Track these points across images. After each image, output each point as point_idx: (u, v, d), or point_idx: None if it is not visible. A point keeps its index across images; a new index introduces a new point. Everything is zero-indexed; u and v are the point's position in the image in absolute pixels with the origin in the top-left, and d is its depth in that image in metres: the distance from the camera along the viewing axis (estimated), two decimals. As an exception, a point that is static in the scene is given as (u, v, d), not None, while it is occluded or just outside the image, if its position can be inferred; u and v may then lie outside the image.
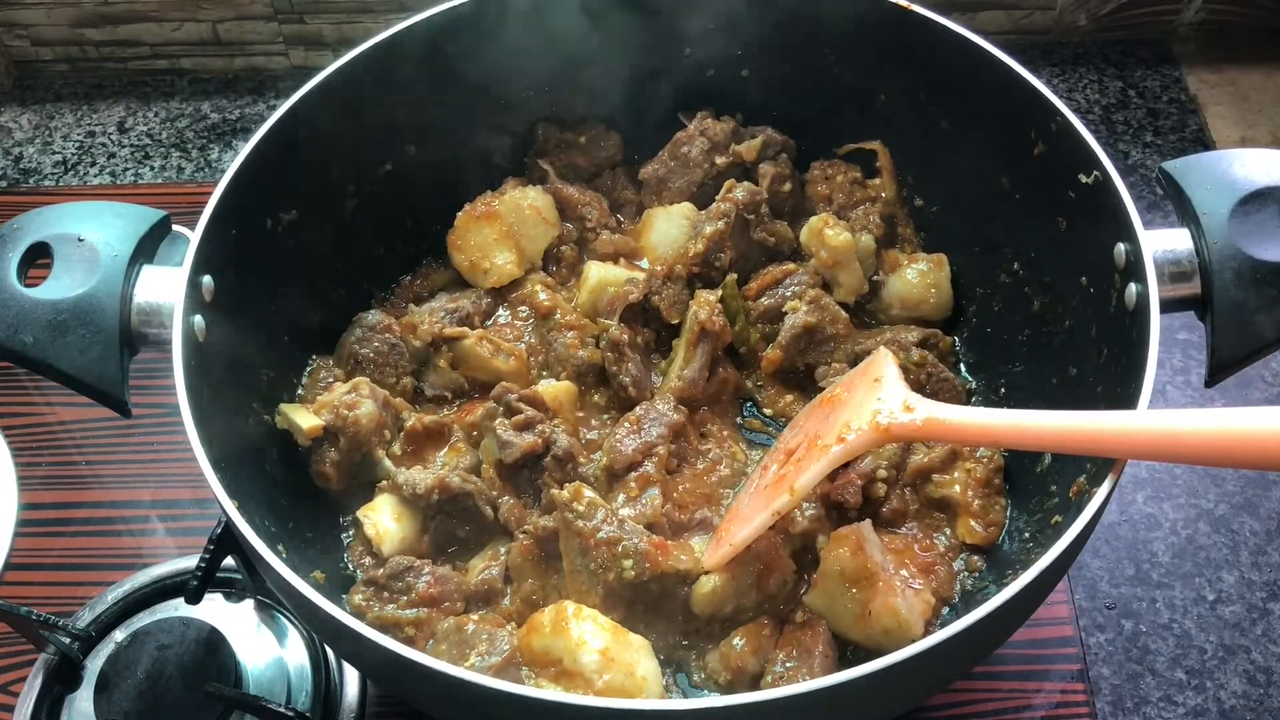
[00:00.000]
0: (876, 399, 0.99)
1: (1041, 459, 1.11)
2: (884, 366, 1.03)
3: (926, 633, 1.02)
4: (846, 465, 1.11)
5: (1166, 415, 0.85)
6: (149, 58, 1.79)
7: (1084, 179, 1.05)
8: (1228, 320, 0.97)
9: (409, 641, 1.03)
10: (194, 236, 1.01)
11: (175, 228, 1.07)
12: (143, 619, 1.18)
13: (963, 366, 1.28)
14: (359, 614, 1.05)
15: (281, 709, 1.08)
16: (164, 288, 1.00)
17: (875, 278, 1.31)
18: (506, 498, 1.14)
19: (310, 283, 1.24)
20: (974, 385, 1.26)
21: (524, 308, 1.31)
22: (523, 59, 1.29)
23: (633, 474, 1.13)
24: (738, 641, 1.04)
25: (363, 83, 1.18)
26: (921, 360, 1.21)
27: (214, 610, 1.18)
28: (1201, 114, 1.67)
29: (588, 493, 1.06)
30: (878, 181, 1.34)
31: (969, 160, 1.22)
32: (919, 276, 1.29)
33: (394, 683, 0.97)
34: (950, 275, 1.29)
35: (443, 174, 1.33)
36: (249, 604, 1.19)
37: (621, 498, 1.12)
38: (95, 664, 1.13)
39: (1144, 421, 0.86)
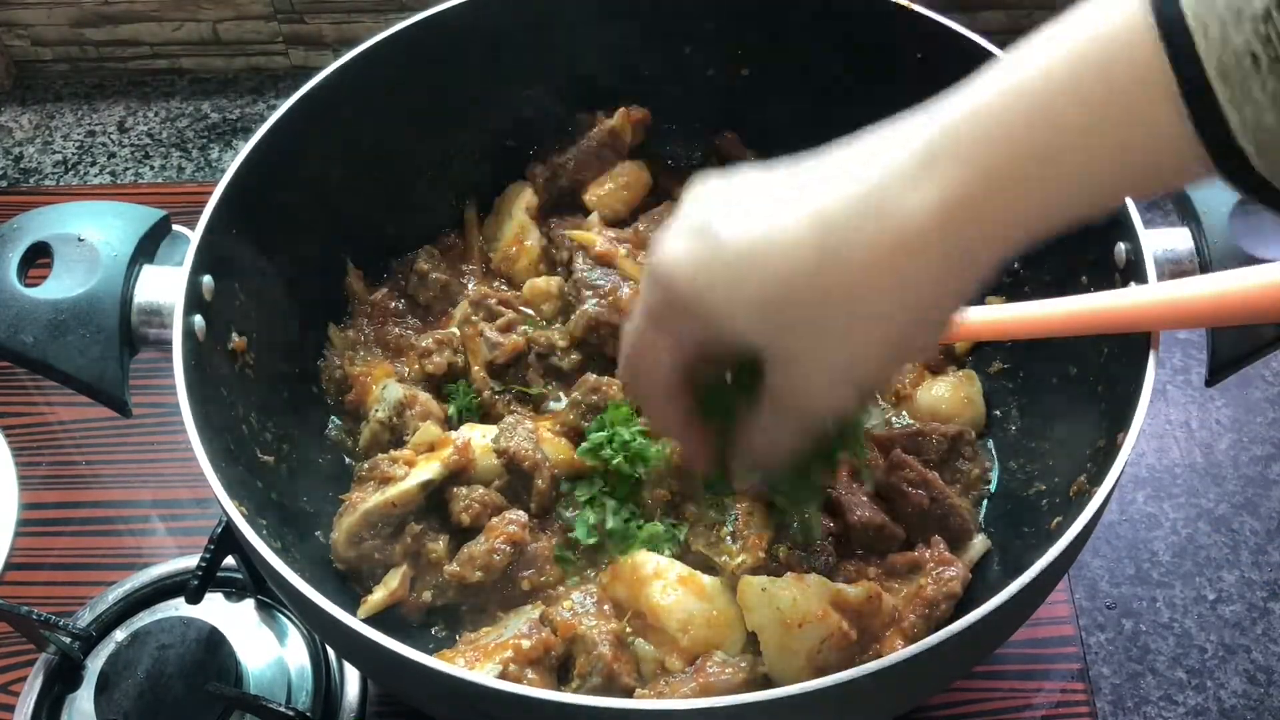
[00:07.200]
0: None
1: (1033, 483, 1.11)
2: None
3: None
4: None
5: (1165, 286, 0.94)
6: (149, 58, 1.79)
7: (1084, 178, 1.05)
8: (1228, 320, 0.97)
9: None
10: (194, 236, 1.01)
11: (175, 227, 1.07)
12: (143, 619, 1.18)
13: (963, 366, 1.28)
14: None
15: (282, 708, 1.08)
16: (164, 287, 1.00)
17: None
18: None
19: (311, 282, 1.24)
20: (974, 385, 1.26)
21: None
22: (522, 59, 1.29)
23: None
24: None
25: (363, 82, 1.18)
26: (922, 360, 1.21)
27: (214, 610, 1.18)
28: (1201, 113, 1.67)
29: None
30: None
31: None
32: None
33: (394, 682, 0.97)
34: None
35: (444, 174, 1.33)
36: (249, 604, 1.19)
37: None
38: (95, 664, 1.13)
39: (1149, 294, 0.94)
